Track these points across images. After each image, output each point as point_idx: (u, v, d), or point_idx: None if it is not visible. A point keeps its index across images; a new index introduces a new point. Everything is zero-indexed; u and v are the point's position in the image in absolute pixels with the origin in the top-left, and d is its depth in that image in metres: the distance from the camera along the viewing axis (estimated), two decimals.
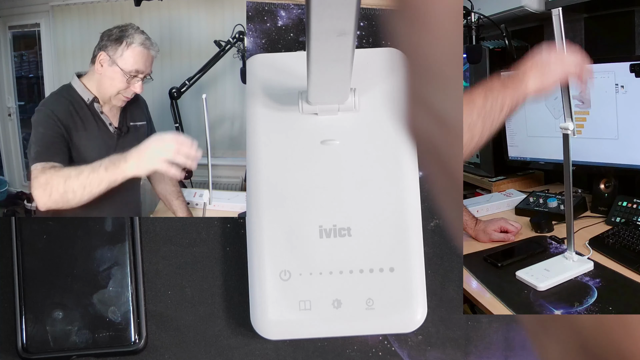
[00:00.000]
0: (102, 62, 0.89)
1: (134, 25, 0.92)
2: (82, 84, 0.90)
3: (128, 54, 0.89)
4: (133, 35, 0.90)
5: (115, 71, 0.89)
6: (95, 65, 0.90)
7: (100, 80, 0.90)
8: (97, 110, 0.90)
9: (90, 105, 0.90)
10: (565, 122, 0.81)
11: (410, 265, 0.64)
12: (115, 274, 0.67)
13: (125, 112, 0.95)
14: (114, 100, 0.91)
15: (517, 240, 1.02)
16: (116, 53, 0.89)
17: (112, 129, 0.92)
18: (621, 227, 0.98)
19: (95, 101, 0.90)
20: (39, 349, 0.65)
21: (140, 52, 0.90)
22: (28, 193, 1.31)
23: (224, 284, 0.69)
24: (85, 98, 0.90)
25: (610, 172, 1.12)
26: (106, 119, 0.91)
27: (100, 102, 0.91)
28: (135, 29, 0.91)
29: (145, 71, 0.91)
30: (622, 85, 1.04)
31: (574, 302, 0.75)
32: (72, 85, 0.90)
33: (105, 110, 0.91)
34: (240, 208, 0.99)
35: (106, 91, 0.90)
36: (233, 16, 1.31)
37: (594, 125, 1.11)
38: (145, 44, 0.90)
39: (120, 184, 0.90)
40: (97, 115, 0.90)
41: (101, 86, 0.90)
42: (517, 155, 1.31)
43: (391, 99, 0.66)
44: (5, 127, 1.49)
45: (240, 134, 1.38)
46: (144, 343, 0.66)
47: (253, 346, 0.68)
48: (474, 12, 1.23)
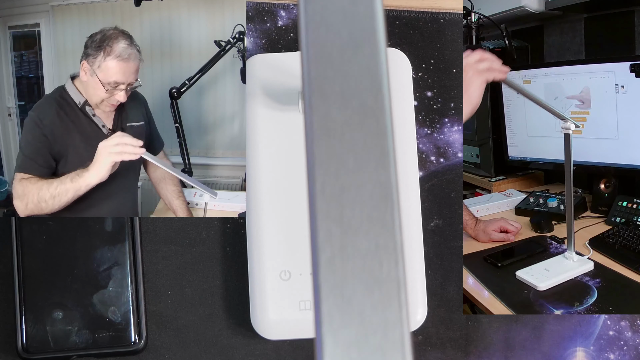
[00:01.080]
0: (85, 71, 0.89)
1: (118, 30, 0.89)
2: (74, 86, 0.90)
3: (105, 65, 0.87)
4: (112, 45, 0.87)
5: (96, 81, 0.88)
6: (81, 72, 0.90)
7: (86, 88, 0.90)
8: (89, 113, 0.90)
9: (82, 108, 0.90)
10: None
11: (410, 265, 0.64)
12: (115, 274, 0.67)
13: (121, 113, 0.94)
14: (101, 107, 0.91)
15: (517, 240, 1.02)
16: (94, 64, 0.87)
17: (105, 131, 0.91)
18: (621, 227, 0.98)
19: (86, 104, 0.90)
20: (39, 349, 0.65)
21: (117, 65, 0.87)
22: None
23: (224, 284, 0.69)
24: (77, 101, 0.89)
25: (610, 172, 1.12)
26: (99, 120, 0.91)
27: (91, 104, 0.91)
28: (117, 36, 0.88)
29: (125, 81, 0.89)
30: (622, 85, 1.04)
31: (574, 302, 0.75)
32: (65, 88, 0.91)
33: (97, 112, 0.91)
34: (240, 208, 0.99)
35: (91, 98, 0.90)
36: (233, 16, 1.30)
37: (594, 125, 1.11)
38: (122, 55, 0.87)
39: (117, 185, 0.90)
40: (90, 117, 0.90)
41: (87, 93, 0.90)
42: (517, 155, 1.31)
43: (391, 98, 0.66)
44: (5, 127, 1.49)
45: (240, 134, 1.38)
46: (144, 343, 0.66)
47: (253, 346, 0.68)
48: (474, 12, 1.23)
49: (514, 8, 1.27)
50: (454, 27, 0.72)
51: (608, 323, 0.69)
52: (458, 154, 0.71)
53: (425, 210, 0.68)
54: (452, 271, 0.69)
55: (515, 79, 1.27)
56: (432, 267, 0.69)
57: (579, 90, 1.13)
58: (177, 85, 1.20)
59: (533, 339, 0.69)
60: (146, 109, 1.01)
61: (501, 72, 0.76)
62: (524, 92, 0.90)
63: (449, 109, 0.71)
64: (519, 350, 0.69)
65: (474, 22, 1.25)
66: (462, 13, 0.72)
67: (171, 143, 1.15)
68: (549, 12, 1.26)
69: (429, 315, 0.66)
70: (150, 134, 1.01)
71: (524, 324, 0.69)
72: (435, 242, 0.69)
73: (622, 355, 0.69)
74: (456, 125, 0.71)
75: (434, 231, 0.69)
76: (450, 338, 0.69)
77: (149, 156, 0.86)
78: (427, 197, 0.69)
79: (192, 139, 1.33)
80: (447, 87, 0.71)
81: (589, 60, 1.16)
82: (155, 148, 1.03)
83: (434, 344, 0.68)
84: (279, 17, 0.72)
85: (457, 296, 0.69)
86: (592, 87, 1.10)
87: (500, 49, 1.33)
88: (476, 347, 0.69)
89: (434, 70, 0.71)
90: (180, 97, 1.21)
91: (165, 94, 1.19)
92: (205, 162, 1.39)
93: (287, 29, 0.72)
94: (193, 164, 1.25)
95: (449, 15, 0.72)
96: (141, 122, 0.98)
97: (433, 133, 0.71)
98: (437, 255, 0.69)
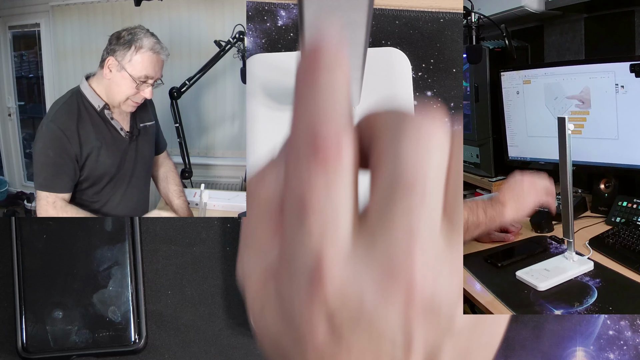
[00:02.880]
0: (110, 67, 0.87)
1: (144, 28, 0.89)
2: (91, 89, 0.88)
3: (137, 59, 0.87)
4: (142, 39, 0.87)
5: (124, 77, 0.87)
6: (104, 70, 0.88)
7: (109, 86, 0.88)
8: (107, 117, 0.89)
9: (100, 113, 0.89)
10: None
11: None
12: (115, 273, 0.67)
13: (135, 115, 0.94)
14: (123, 106, 0.90)
15: (517, 240, 1.02)
16: (125, 58, 0.87)
17: (123, 134, 0.91)
18: (621, 227, 0.98)
19: (105, 108, 0.88)
20: (39, 348, 0.65)
21: (149, 58, 0.87)
22: (28, 193, 1.31)
23: (224, 284, 0.69)
24: (96, 105, 0.88)
25: (610, 172, 1.12)
26: (117, 124, 0.91)
27: (110, 108, 0.90)
28: (145, 32, 0.88)
29: (155, 76, 0.89)
30: (622, 85, 1.04)
31: (574, 302, 0.75)
32: (81, 91, 0.89)
33: (115, 116, 0.90)
34: (240, 208, 0.99)
35: (115, 97, 0.88)
36: (233, 16, 1.31)
37: (594, 125, 1.11)
38: (154, 48, 0.88)
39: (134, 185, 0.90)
40: (108, 122, 0.89)
41: (110, 92, 0.88)
42: (517, 155, 1.31)
43: (391, 98, 0.66)
44: (5, 127, 1.49)
45: (240, 134, 1.38)
46: (144, 343, 0.66)
47: (253, 346, 0.68)
48: (474, 12, 1.23)
49: (514, 8, 1.27)
50: (454, 27, 0.72)
51: (608, 323, 0.69)
52: None
53: None
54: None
55: (515, 79, 1.27)
56: None
57: (579, 90, 1.13)
58: (177, 85, 1.20)
59: (533, 339, 0.69)
60: (153, 109, 1.02)
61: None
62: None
63: (448, 108, 0.71)
64: (519, 350, 0.69)
65: (474, 22, 1.25)
66: (462, 13, 0.72)
67: (171, 143, 1.15)
68: (549, 12, 1.26)
69: None
70: (157, 134, 1.01)
71: (524, 324, 0.69)
72: None
73: (622, 354, 0.69)
74: (456, 125, 0.71)
75: None
76: None
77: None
78: None
79: (192, 139, 1.33)
80: (447, 87, 0.71)
81: (589, 60, 1.16)
82: (160, 148, 1.03)
83: None
84: (279, 17, 0.72)
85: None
86: (592, 87, 1.10)
87: (500, 49, 1.33)
88: None
89: (434, 70, 0.71)
90: (180, 97, 1.21)
91: (165, 94, 1.19)
92: (205, 162, 1.39)
93: (287, 29, 0.72)
94: (193, 164, 1.25)
95: (449, 15, 0.72)
96: (152, 121, 0.98)
97: None
98: None
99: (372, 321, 0.25)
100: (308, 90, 0.26)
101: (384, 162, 0.26)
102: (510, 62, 1.31)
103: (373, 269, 0.25)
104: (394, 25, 0.71)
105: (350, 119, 0.26)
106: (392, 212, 0.25)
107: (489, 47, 1.33)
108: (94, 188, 0.89)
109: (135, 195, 0.93)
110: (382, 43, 0.71)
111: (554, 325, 0.69)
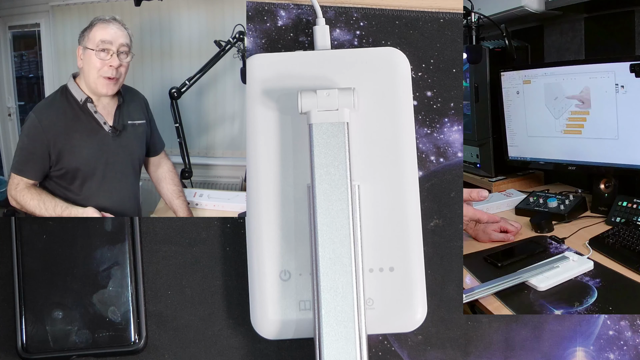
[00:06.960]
0: (80, 56, 0.92)
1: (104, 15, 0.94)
2: (75, 83, 0.92)
3: (92, 34, 0.91)
4: (97, 21, 0.92)
5: (88, 54, 0.90)
6: (78, 62, 0.92)
7: (83, 72, 0.91)
8: (90, 110, 0.91)
9: (83, 106, 0.90)
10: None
11: (410, 265, 0.64)
12: (115, 273, 0.67)
13: (122, 110, 0.95)
14: (99, 87, 0.91)
15: (517, 240, 1.02)
16: (85, 39, 0.91)
17: (107, 128, 0.92)
18: (621, 227, 0.98)
19: (88, 101, 0.91)
20: (39, 349, 0.65)
21: (101, 26, 0.91)
22: None
23: (224, 284, 0.69)
24: (79, 98, 0.91)
25: (610, 172, 1.12)
26: (100, 117, 0.91)
27: (94, 101, 0.91)
28: (102, 17, 0.93)
29: (113, 41, 0.91)
30: (622, 85, 1.04)
31: (574, 302, 0.75)
32: (67, 87, 0.92)
33: (99, 109, 0.92)
34: (240, 208, 0.99)
35: (88, 79, 0.91)
36: (233, 16, 1.30)
37: (594, 125, 1.11)
38: (104, 18, 0.92)
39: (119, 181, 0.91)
40: (91, 115, 0.91)
41: (85, 77, 0.91)
42: (517, 155, 1.31)
43: (391, 98, 0.66)
44: (5, 127, 1.49)
45: (240, 134, 1.38)
46: (144, 343, 0.67)
47: (253, 346, 0.68)
48: (474, 12, 1.23)
49: (514, 8, 1.27)
50: (454, 27, 0.72)
51: (608, 323, 0.69)
52: (458, 154, 0.71)
53: (425, 210, 0.68)
54: (452, 271, 0.69)
55: (515, 79, 1.27)
56: (432, 267, 0.69)
57: (579, 90, 1.13)
58: (177, 85, 1.20)
59: (533, 339, 0.69)
60: (147, 108, 1.02)
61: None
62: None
63: (448, 108, 0.71)
64: (519, 350, 0.69)
65: (474, 22, 1.25)
66: (462, 13, 0.73)
67: (171, 143, 1.15)
68: (549, 12, 1.26)
69: (429, 315, 0.66)
70: (151, 134, 1.01)
71: (524, 324, 0.69)
72: (435, 242, 0.69)
73: (622, 355, 0.69)
74: (456, 125, 0.71)
75: (434, 231, 0.69)
76: (450, 338, 0.69)
77: None
78: (427, 197, 0.69)
79: (192, 139, 1.33)
80: (447, 87, 0.71)
81: (589, 60, 1.16)
82: (156, 149, 1.03)
83: (434, 344, 0.69)
84: (279, 17, 0.72)
85: (457, 296, 0.69)
86: (592, 87, 1.10)
87: (500, 49, 1.33)
88: (476, 347, 0.69)
89: (434, 70, 0.71)
90: (180, 97, 1.21)
91: (165, 94, 1.19)
92: (205, 162, 1.39)
93: (287, 29, 0.72)
94: (193, 164, 1.25)
95: (449, 15, 0.72)
96: (142, 120, 0.98)
97: (433, 133, 0.71)
98: (437, 255, 0.69)
99: None
100: None
101: None
102: (510, 62, 1.31)
103: None
104: (394, 25, 0.72)
105: None
106: None
107: (489, 47, 1.33)
108: (77, 181, 0.90)
109: (121, 192, 0.94)
110: (382, 43, 0.71)
111: (554, 325, 0.69)
